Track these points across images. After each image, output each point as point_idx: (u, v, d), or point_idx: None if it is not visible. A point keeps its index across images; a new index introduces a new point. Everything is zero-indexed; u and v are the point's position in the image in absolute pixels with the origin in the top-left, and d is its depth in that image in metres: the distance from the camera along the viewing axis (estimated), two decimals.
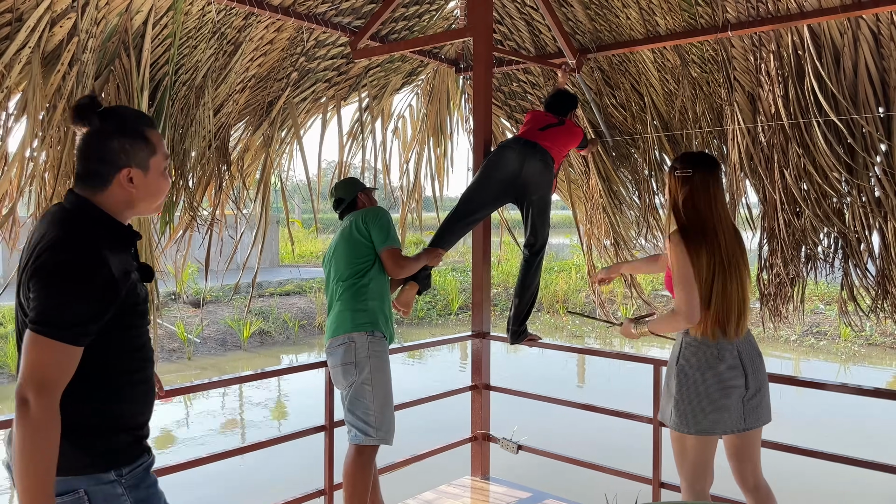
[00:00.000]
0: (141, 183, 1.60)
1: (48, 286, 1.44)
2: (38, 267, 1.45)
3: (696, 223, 2.49)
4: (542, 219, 3.81)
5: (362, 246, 3.11)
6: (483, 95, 3.87)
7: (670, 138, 4.80)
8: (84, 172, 1.59)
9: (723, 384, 2.47)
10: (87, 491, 1.51)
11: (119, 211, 1.61)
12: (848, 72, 3.83)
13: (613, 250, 5.38)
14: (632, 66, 4.66)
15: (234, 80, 4.37)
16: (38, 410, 1.39)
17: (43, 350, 1.42)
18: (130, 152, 1.58)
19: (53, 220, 1.54)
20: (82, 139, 1.58)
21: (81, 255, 1.47)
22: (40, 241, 1.50)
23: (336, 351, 3.04)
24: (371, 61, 4.91)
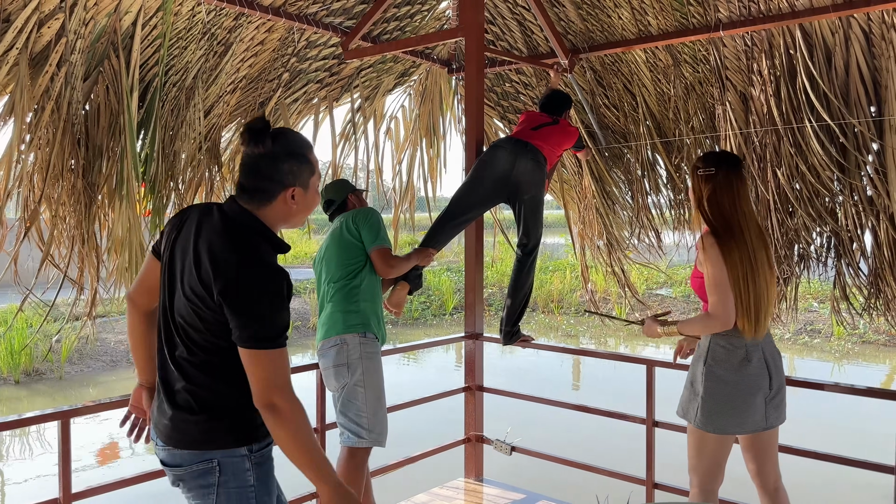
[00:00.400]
0: (301, 200, 1.76)
1: (252, 301, 1.61)
2: (236, 286, 1.61)
3: (721, 222, 2.49)
4: (534, 218, 3.80)
5: (353, 247, 3.10)
6: (475, 96, 3.85)
7: (662, 138, 4.79)
8: (252, 187, 1.73)
9: (751, 385, 2.48)
10: (220, 461, 1.69)
11: (275, 224, 1.77)
12: (840, 71, 3.83)
13: (607, 251, 5.38)
14: (624, 67, 4.65)
15: (225, 81, 4.35)
16: (289, 407, 1.61)
17: (269, 362, 1.61)
18: (297, 173, 1.74)
19: (222, 231, 1.69)
20: (254, 158, 1.72)
21: (274, 271, 1.65)
22: (217, 251, 1.65)
23: (328, 352, 3.02)
24: (363, 62, 4.89)
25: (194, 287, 1.67)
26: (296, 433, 1.61)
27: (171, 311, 1.74)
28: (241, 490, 1.70)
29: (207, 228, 1.71)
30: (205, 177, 4.62)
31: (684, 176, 4.85)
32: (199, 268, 1.67)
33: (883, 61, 3.69)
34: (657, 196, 5.04)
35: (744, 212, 2.52)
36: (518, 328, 3.78)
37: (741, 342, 2.50)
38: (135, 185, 3.84)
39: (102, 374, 9.36)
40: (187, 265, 1.70)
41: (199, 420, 1.69)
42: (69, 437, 2.39)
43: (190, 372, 1.70)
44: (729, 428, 2.50)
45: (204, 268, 1.65)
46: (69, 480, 2.37)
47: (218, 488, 1.69)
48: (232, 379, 1.68)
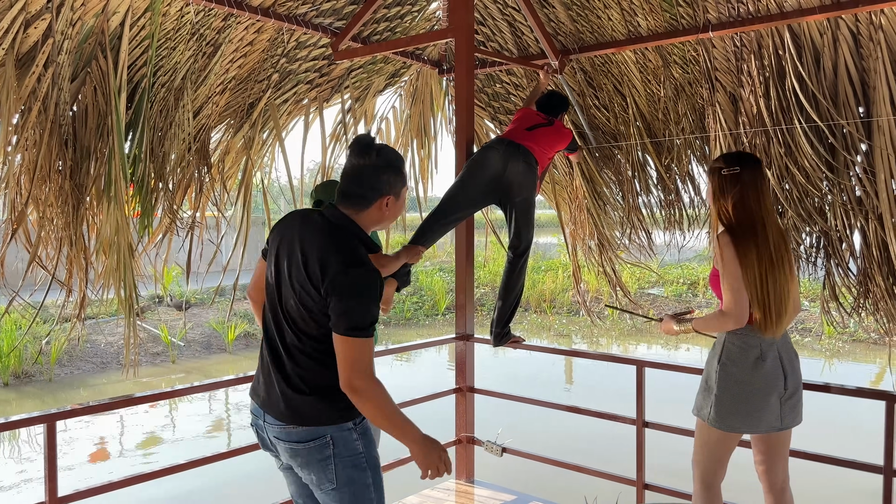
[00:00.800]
0: (392, 207, 2.02)
1: (353, 296, 1.84)
2: (340, 282, 1.85)
3: (746, 221, 2.49)
4: (525, 220, 3.80)
5: None
6: (465, 96, 3.85)
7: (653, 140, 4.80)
8: (353, 194, 1.99)
9: (765, 385, 2.50)
10: (332, 436, 1.93)
11: (368, 227, 2.02)
12: (828, 72, 3.85)
13: (598, 251, 5.39)
14: (614, 68, 4.66)
15: (214, 81, 4.33)
16: (370, 388, 1.84)
17: (359, 348, 1.84)
18: (393, 183, 2.00)
19: (326, 234, 1.94)
20: (358, 168, 1.98)
21: (371, 270, 1.88)
22: (324, 252, 1.89)
23: None
24: (353, 63, 4.88)
25: (303, 283, 1.91)
26: (378, 407, 1.85)
27: (281, 304, 1.98)
28: (353, 458, 1.96)
29: (311, 231, 1.96)
30: (194, 178, 4.60)
31: (674, 176, 4.86)
32: (307, 266, 1.91)
33: (871, 62, 3.70)
34: (647, 196, 5.05)
35: (768, 210, 2.53)
36: (508, 329, 3.78)
37: (756, 341, 2.51)
38: (123, 187, 3.82)
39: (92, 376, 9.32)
40: (294, 263, 1.94)
41: (310, 401, 1.93)
42: (55, 440, 2.37)
43: (300, 357, 1.94)
44: (742, 427, 2.52)
45: (311, 266, 1.90)
46: (55, 484, 2.35)
47: (334, 459, 1.94)
48: (335, 363, 1.89)
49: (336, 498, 1.96)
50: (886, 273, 4.01)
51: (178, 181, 4.54)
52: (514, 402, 3.85)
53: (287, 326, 1.96)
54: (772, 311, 2.47)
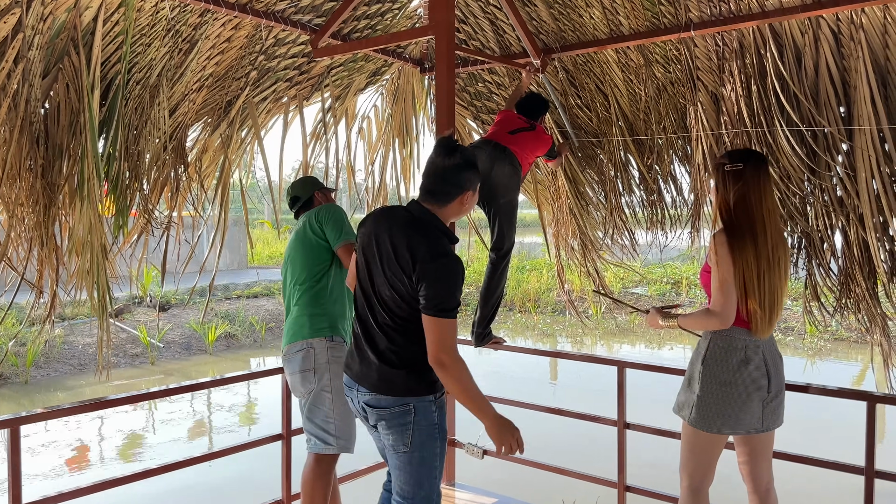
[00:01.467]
0: (470, 201, 2.29)
1: (440, 281, 2.10)
2: (428, 270, 2.12)
3: (745, 220, 2.47)
4: (509, 222, 3.77)
5: (318, 247, 3.03)
6: (445, 95, 3.80)
7: (635, 140, 4.78)
8: (437, 190, 2.25)
9: (748, 387, 2.48)
10: (415, 405, 2.22)
11: (448, 219, 2.30)
12: (809, 71, 3.84)
13: (581, 251, 5.36)
14: (596, 67, 4.63)
15: (191, 79, 4.26)
16: (455, 363, 2.11)
17: (446, 328, 2.11)
18: (473, 180, 2.27)
19: (414, 227, 2.21)
20: (442, 167, 2.24)
21: (454, 259, 2.15)
22: (413, 244, 2.16)
23: (294, 357, 2.95)
24: (333, 60, 4.82)
25: (394, 270, 2.18)
26: (459, 381, 2.10)
27: (373, 288, 2.26)
28: (429, 427, 2.23)
29: (399, 224, 2.22)
30: (170, 177, 4.53)
31: (656, 176, 4.84)
32: (398, 255, 2.18)
33: (852, 62, 3.70)
34: (630, 196, 5.03)
35: (769, 209, 2.51)
36: (490, 330, 3.74)
37: (741, 343, 2.49)
38: (96, 186, 3.74)
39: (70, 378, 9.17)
40: (385, 253, 2.22)
41: (400, 374, 2.21)
42: (19, 445, 2.30)
43: (392, 335, 2.22)
44: (723, 428, 2.50)
45: (402, 255, 2.16)
46: (19, 490, 2.28)
47: (413, 426, 2.21)
48: (423, 341, 2.16)
49: (407, 460, 2.23)
50: (867, 273, 4.01)
51: (155, 180, 4.46)
52: (495, 403, 3.80)
53: (380, 308, 2.24)
54: (766, 312, 2.46)
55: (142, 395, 2.90)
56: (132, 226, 4.39)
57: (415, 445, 2.21)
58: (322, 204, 3.26)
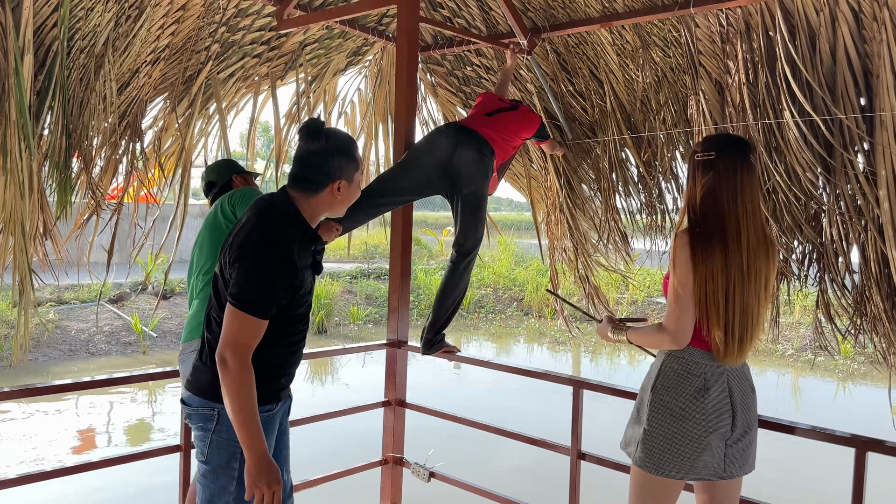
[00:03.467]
0: (345, 192, 2.02)
1: (245, 269, 1.86)
2: (240, 253, 1.88)
3: (714, 219, 2.05)
4: (474, 217, 3.34)
5: (228, 232, 2.66)
6: (406, 73, 3.40)
7: (633, 133, 4.31)
8: (303, 178, 1.99)
9: (705, 423, 2.04)
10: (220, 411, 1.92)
11: (319, 210, 2.02)
12: (825, 56, 3.32)
13: (574, 254, 4.90)
14: (589, 49, 4.17)
15: (143, 49, 3.93)
16: (237, 365, 1.81)
17: (237, 321, 1.83)
18: (344, 168, 1.99)
19: (259, 211, 1.97)
20: (308, 152, 1.98)
21: (276, 250, 1.87)
22: (246, 225, 1.93)
23: (189, 358, 2.58)
24: (306, 36, 4.46)
25: (225, 253, 1.95)
26: (237, 391, 1.79)
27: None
28: (231, 442, 1.90)
29: (251, 213, 1.98)
30: (126, 156, 4.22)
31: (656, 174, 4.36)
32: (233, 237, 1.95)
33: (874, 45, 3.18)
34: (627, 197, 4.56)
35: (746, 209, 2.05)
36: (442, 336, 3.32)
37: (700, 368, 2.05)
38: (23, 159, 3.43)
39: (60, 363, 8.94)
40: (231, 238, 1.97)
41: (210, 370, 1.92)
42: None
43: (211, 326, 1.99)
44: (673, 471, 2.05)
45: (234, 237, 1.93)
46: None
47: (213, 435, 1.94)
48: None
49: (201, 475, 1.97)
50: (887, 293, 3.48)
51: (108, 159, 4.17)
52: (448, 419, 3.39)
53: (213, 296, 2.03)
54: (734, 334, 2.01)
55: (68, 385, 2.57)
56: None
57: (211, 462, 1.94)
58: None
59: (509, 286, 14.94)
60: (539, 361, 11.01)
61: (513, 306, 14.28)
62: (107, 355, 9.17)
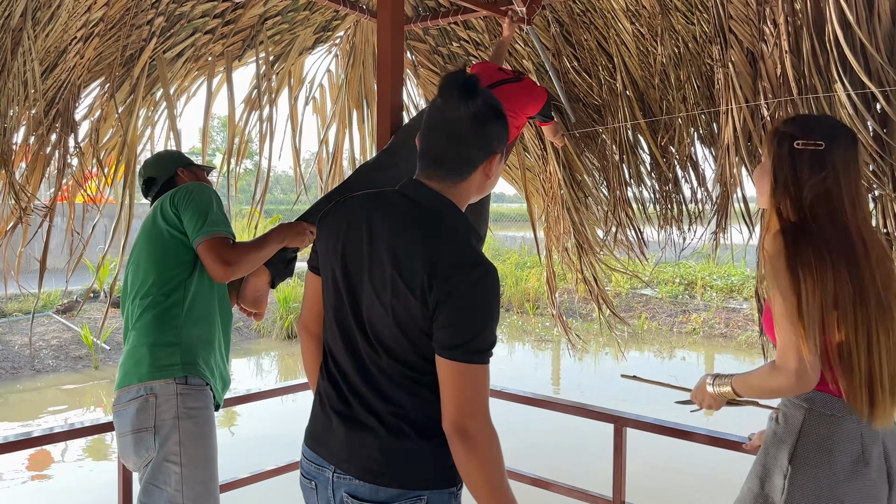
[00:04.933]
0: (495, 172, 1.49)
1: (471, 307, 1.34)
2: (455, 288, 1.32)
3: (832, 230, 1.52)
4: (475, 211, 2.78)
5: (173, 242, 2.08)
6: (390, 46, 2.82)
7: (647, 114, 3.78)
8: (451, 158, 1.43)
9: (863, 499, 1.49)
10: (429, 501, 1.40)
11: (464, 203, 1.48)
12: (884, 17, 2.83)
13: (576, 253, 4.37)
14: (598, 18, 3.62)
15: (70, 23, 3.29)
16: (486, 436, 1.33)
17: (478, 378, 1.34)
18: (502, 136, 1.46)
19: (429, 221, 1.41)
20: (460, 119, 1.40)
21: (491, 271, 1.37)
22: (427, 248, 1.36)
23: (125, 410, 1.99)
24: (267, 8, 3.84)
25: (396, 290, 1.37)
26: (487, 465, 1.32)
27: (358, 318, 1.45)
28: None
29: (397, 217, 1.43)
30: (57, 149, 3.58)
31: (673, 161, 3.84)
32: (401, 266, 1.37)
33: None
34: (639, 187, 4.04)
35: (865, 217, 1.54)
36: None
37: (853, 428, 1.50)
38: None
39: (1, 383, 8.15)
40: (377, 263, 1.41)
41: (412, 451, 1.40)
42: None
43: (395, 392, 1.41)
44: None
45: (409, 266, 1.37)
46: None
47: None
48: (437, 399, 1.37)
49: None
50: None
51: (34, 154, 3.52)
52: None
53: (370, 349, 1.43)
54: (884, 386, 1.46)
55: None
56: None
57: None
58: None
59: None
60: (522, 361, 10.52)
61: None
62: (54, 372, 8.35)
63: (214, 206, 2.10)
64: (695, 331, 11.55)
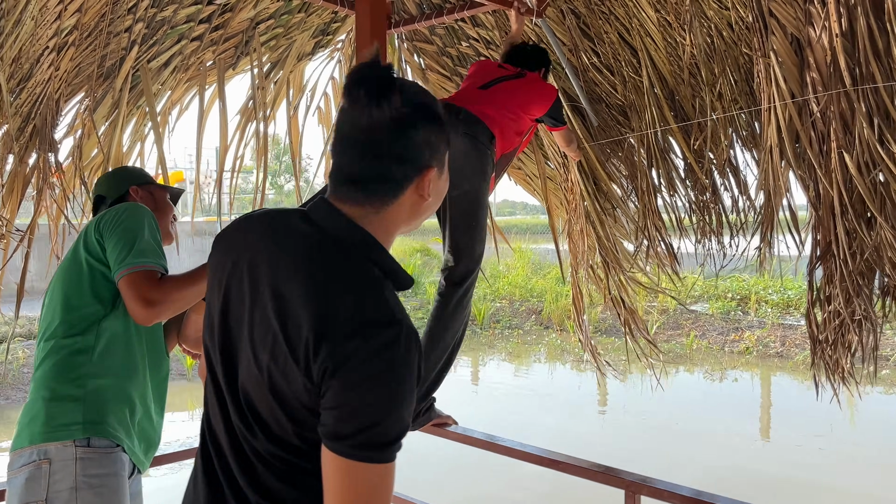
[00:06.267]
0: (434, 190, 1.12)
1: (373, 386, 0.95)
2: (352, 357, 0.94)
3: None
4: (469, 228, 2.41)
5: (92, 274, 1.77)
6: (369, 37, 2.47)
7: (678, 114, 3.36)
8: (369, 177, 1.06)
9: None
10: None
11: (392, 233, 1.12)
12: None
13: (603, 271, 3.95)
14: (619, 7, 3.22)
15: (40, 31, 3.05)
16: None
17: (374, 483, 0.96)
18: (435, 145, 1.09)
19: (328, 261, 1.03)
20: (373, 124, 1.03)
21: (405, 337, 0.97)
22: (320, 297, 0.98)
23: (15, 479, 1.66)
24: (258, 11, 3.56)
25: (276, 350, 1.00)
26: None
27: (230, 379, 1.07)
28: None
29: (291, 250, 1.05)
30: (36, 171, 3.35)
31: (709, 166, 3.40)
32: (285, 320, 0.99)
33: None
34: (672, 196, 3.60)
35: None
36: (430, 404, 2.38)
37: None
38: None
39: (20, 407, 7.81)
40: (260, 309, 1.02)
41: None
42: None
43: (266, 478, 1.04)
44: None
45: (294, 320, 0.99)
46: None
47: None
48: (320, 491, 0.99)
49: None
50: None
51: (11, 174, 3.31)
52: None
53: (246, 428, 1.06)
54: None
55: None
56: None
57: None
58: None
59: (526, 297, 13.94)
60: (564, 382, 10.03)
61: (531, 319, 13.28)
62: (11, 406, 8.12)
63: (146, 232, 1.77)
64: (748, 350, 10.87)
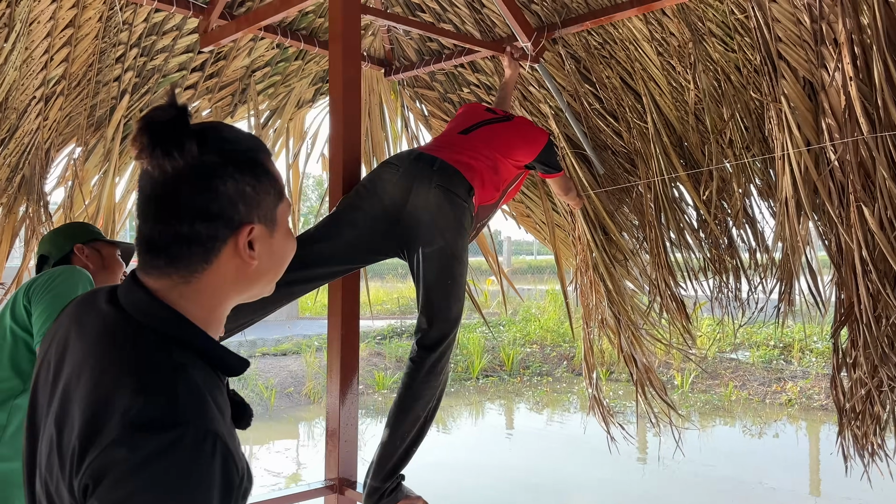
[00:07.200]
0: (266, 247, 0.92)
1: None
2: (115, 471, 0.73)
3: None
4: (443, 287, 2.20)
5: (14, 344, 1.65)
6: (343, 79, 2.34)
7: (688, 161, 3.15)
8: (168, 241, 0.87)
9: None
10: None
11: (217, 308, 0.91)
12: None
13: (615, 328, 3.71)
14: (619, 50, 3.05)
15: (26, 81, 3.02)
16: None
17: None
18: (251, 198, 0.90)
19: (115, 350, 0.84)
20: (167, 182, 0.86)
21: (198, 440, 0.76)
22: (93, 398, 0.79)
23: None
24: (253, 59, 3.49)
25: (51, 462, 0.83)
26: None
27: (30, 490, 0.90)
28: None
29: (85, 341, 0.87)
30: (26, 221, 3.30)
31: (723, 217, 3.17)
32: (62, 430, 0.82)
33: None
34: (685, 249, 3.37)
35: None
36: (398, 482, 2.16)
37: None
38: None
39: None
40: (49, 424, 0.86)
41: None
42: None
43: None
44: None
45: (68, 429, 0.81)
46: None
47: None
48: None
49: None
50: None
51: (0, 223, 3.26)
52: None
53: None
54: None
55: None
56: None
57: None
58: (89, 268, 1.88)
59: (558, 342, 13.54)
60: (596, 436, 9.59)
61: (562, 366, 12.88)
62: None
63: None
64: (790, 402, 10.31)
